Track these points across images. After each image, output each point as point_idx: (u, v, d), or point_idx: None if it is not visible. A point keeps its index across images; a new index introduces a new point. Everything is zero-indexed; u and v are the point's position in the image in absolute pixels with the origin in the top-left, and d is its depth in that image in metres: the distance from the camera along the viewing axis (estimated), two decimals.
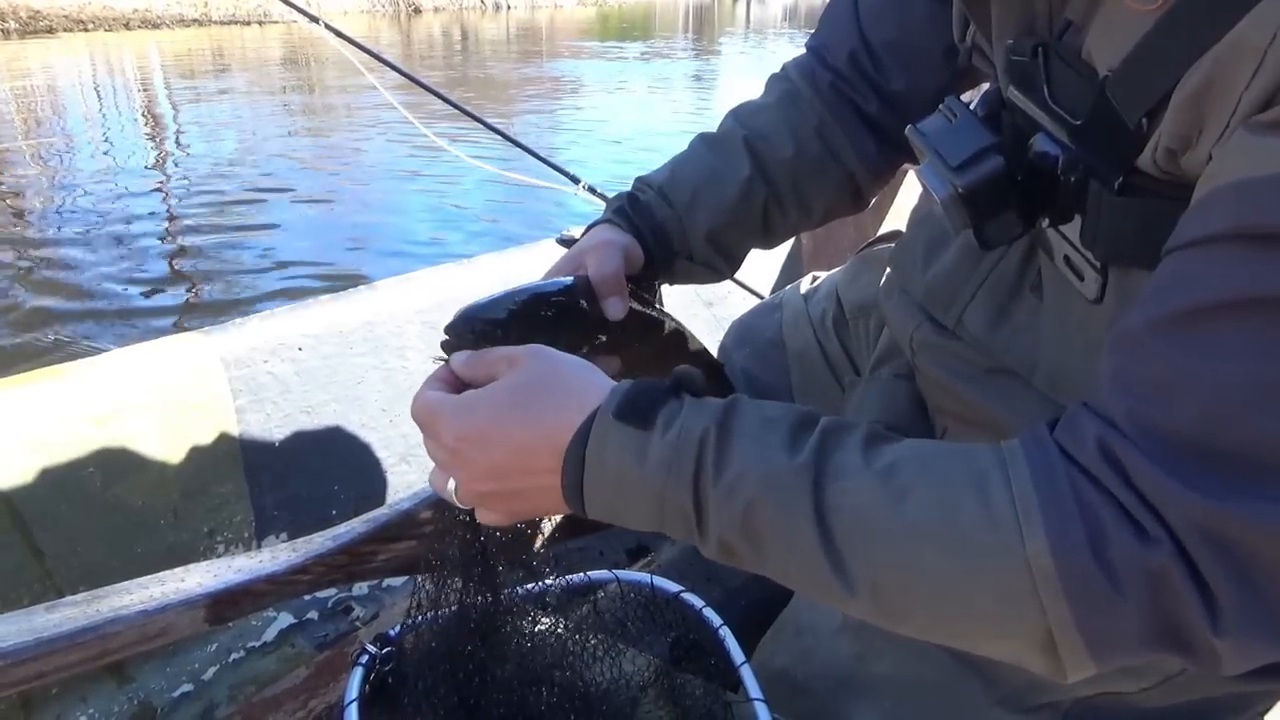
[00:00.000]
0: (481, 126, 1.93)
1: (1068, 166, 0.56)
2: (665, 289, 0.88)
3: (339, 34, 1.90)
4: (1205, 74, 0.44)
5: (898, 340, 0.85)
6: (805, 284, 1.16)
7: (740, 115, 0.90)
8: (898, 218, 1.87)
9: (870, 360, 0.97)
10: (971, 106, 0.65)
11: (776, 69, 0.93)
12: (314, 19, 1.91)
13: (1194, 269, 0.44)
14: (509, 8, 33.44)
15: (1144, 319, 0.45)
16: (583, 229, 0.83)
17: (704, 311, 2.01)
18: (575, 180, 1.86)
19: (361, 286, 1.57)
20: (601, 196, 1.81)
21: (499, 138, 1.88)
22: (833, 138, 0.87)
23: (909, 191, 1.82)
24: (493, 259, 1.67)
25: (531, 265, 1.56)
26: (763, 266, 2.02)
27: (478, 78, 11.43)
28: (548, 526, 1.07)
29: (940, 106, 0.65)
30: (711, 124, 0.91)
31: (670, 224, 0.84)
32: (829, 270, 1.15)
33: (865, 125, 0.88)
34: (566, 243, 0.78)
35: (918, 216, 0.87)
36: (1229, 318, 0.41)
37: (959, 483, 0.47)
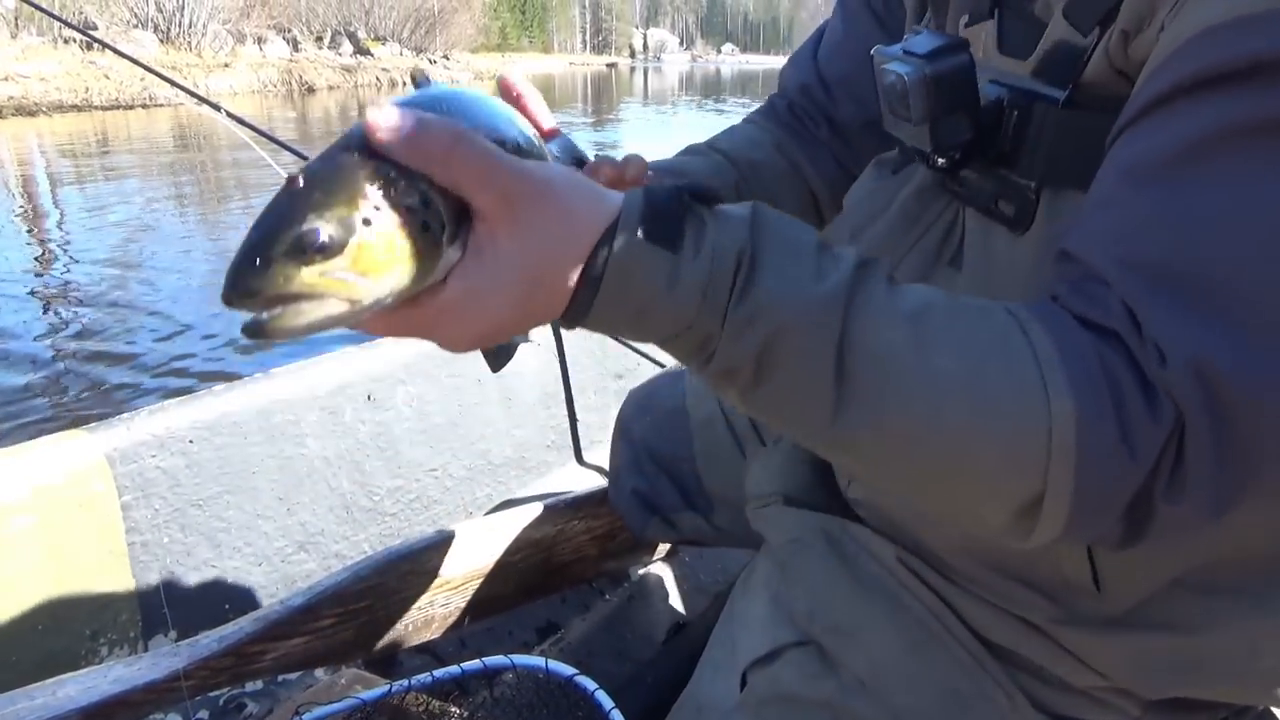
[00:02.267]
0: None
1: (1013, 101, 0.60)
2: (571, 361, 0.87)
3: (239, 120, 1.86)
4: None
5: None
6: None
7: (703, 142, 0.92)
8: None
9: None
10: None
11: (681, 131, 0.97)
12: (214, 106, 1.86)
13: (1166, 121, 0.46)
14: (405, 84, 33.55)
15: (1125, 178, 0.48)
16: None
17: (613, 384, 2.03)
18: None
19: (257, 375, 1.54)
20: None
21: None
22: (792, 154, 0.91)
23: None
24: (395, 342, 1.66)
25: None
26: None
27: None
28: (454, 608, 1.06)
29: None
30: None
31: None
32: None
33: (820, 146, 0.92)
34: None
35: (849, 205, 0.87)
36: (1212, 154, 0.44)
37: (985, 338, 0.47)
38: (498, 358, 0.59)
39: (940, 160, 0.66)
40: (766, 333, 0.46)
